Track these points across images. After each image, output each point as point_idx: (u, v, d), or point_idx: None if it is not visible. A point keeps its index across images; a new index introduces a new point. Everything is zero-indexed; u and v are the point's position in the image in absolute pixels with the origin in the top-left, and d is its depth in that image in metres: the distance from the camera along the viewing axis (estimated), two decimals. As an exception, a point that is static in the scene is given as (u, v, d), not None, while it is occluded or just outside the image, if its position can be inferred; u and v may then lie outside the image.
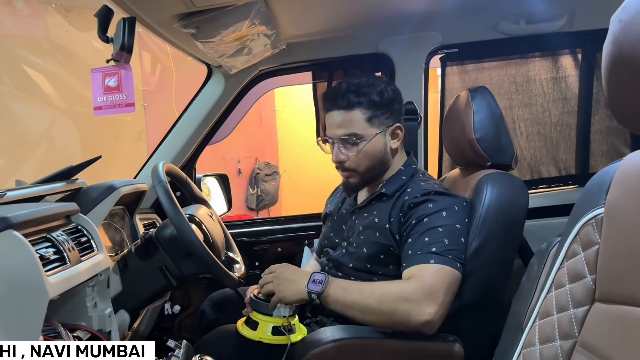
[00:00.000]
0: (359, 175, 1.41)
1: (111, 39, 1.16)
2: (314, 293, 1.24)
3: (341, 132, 1.37)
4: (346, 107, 1.36)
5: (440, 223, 1.26)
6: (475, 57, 1.97)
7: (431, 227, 1.25)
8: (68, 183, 1.40)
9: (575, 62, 1.97)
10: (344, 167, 1.41)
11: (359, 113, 1.36)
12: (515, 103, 2.01)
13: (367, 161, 1.39)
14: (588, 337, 0.73)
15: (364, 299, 1.21)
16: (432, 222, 1.26)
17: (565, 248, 0.80)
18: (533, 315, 0.84)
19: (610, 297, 0.71)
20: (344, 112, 1.37)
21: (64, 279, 0.98)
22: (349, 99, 1.36)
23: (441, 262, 1.20)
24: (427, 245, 1.23)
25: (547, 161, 2.05)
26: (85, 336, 1.09)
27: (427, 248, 1.23)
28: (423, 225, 1.27)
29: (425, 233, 1.25)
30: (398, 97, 1.43)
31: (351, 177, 1.42)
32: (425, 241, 1.24)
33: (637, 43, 0.63)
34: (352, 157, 1.38)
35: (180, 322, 2.02)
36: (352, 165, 1.40)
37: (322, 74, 2.04)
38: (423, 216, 1.28)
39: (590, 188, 0.79)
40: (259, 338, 1.26)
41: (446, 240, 1.23)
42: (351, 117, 1.36)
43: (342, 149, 1.39)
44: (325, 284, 1.24)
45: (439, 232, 1.24)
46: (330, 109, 1.40)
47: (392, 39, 1.89)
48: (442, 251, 1.22)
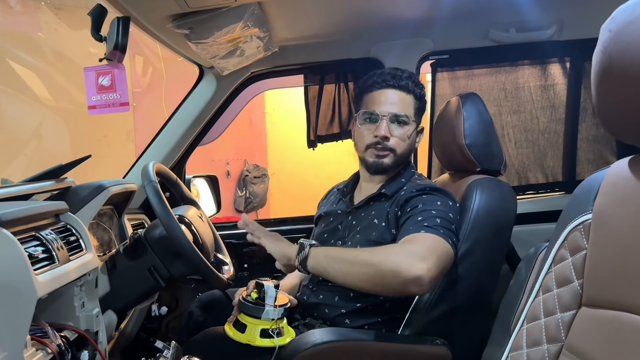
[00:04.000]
0: (394, 157, 1.42)
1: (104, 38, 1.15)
2: (307, 244, 1.25)
3: (396, 110, 1.40)
4: (406, 89, 1.41)
5: (434, 207, 1.28)
6: (465, 64, 1.99)
7: (425, 210, 1.27)
8: (57, 182, 1.38)
9: (563, 70, 2.00)
10: (385, 145, 1.41)
11: (413, 100, 1.43)
12: (504, 110, 2.03)
13: (406, 146, 1.43)
14: (575, 341, 0.75)
15: (353, 253, 1.23)
16: (427, 207, 1.28)
17: (553, 253, 0.82)
18: (521, 319, 0.85)
19: (597, 301, 0.73)
20: (402, 93, 1.41)
21: (53, 278, 0.97)
22: (409, 84, 1.41)
23: (433, 232, 1.21)
24: (420, 221, 1.25)
25: (535, 168, 2.07)
26: (72, 336, 1.08)
27: (420, 224, 1.24)
28: (417, 209, 1.29)
29: (419, 214, 1.27)
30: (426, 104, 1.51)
31: (386, 157, 1.42)
32: (419, 220, 1.25)
33: (626, 53, 0.65)
34: (397, 137, 1.41)
35: (168, 323, 2.00)
36: (394, 144, 1.41)
37: (314, 78, 2.04)
38: (418, 204, 1.30)
39: (578, 194, 0.81)
40: (247, 341, 1.26)
41: (438, 220, 1.24)
42: (408, 101, 1.42)
43: (390, 127, 1.40)
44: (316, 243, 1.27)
45: (432, 214, 1.26)
46: (384, 87, 1.42)
47: (384, 44, 1.90)
48: (434, 225, 1.23)
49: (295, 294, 1.52)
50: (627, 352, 0.67)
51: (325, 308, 1.39)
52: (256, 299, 1.31)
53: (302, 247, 1.25)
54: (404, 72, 1.44)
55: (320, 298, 1.41)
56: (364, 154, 1.44)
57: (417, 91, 1.43)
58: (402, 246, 1.19)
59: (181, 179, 1.97)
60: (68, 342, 1.04)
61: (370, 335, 1.23)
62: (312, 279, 1.47)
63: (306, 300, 1.44)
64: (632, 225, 0.69)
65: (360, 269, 1.18)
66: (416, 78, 1.46)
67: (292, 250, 1.27)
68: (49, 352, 0.95)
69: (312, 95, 2.10)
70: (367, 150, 1.43)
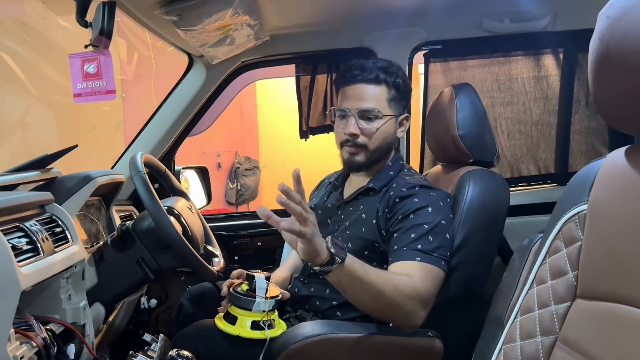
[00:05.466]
0: (367, 154, 1.39)
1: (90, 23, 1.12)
2: (338, 256, 1.06)
3: (363, 105, 1.36)
4: (373, 81, 1.36)
5: (425, 219, 1.26)
6: (458, 54, 1.98)
7: (417, 224, 1.25)
8: (42, 172, 1.36)
9: (557, 61, 1.99)
10: (355, 142, 1.38)
11: (383, 91, 1.37)
12: (497, 101, 2.02)
13: (379, 140, 1.38)
14: (569, 333, 0.74)
15: (380, 284, 1.12)
16: (418, 218, 1.26)
17: (547, 244, 0.81)
18: (514, 311, 0.84)
19: (592, 293, 0.72)
20: (370, 86, 1.36)
21: (37, 270, 0.96)
22: (377, 75, 1.36)
23: (427, 261, 1.21)
24: (413, 241, 1.23)
25: (527, 159, 2.07)
26: (58, 329, 1.07)
27: (413, 245, 1.23)
28: (409, 221, 1.27)
29: (411, 229, 1.25)
30: (410, 89, 1.46)
31: (358, 154, 1.39)
32: (412, 237, 1.24)
33: (624, 40, 0.63)
34: (366, 133, 1.37)
35: (157, 316, 1.99)
36: (364, 141, 1.38)
37: (306, 67, 2.02)
38: (409, 212, 1.27)
39: (574, 185, 0.80)
40: (238, 333, 1.24)
41: (431, 237, 1.23)
42: (376, 93, 1.36)
43: (359, 123, 1.37)
44: (346, 252, 1.10)
45: (424, 229, 1.24)
46: (352, 82, 1.37)
47: (377, 33, 1.88)
48: (428, 249, 1.22)
49: (286, 287, 1.50)
50: (622, 344, 0.66)
51: (316, 300, 1.38)
52: (247, 291, 1.29)
53: (332, 260, 1.06)
54: (375, 62, 1.39)
55: (311, 290, 1.40)
56: (340, 151, 1.43)
57: (391, 80, 1.37)
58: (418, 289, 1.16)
59: (170, 170, 1.95)
60: (54, 335, 1.03)
61: (362, 327, 1.22)
62: (303, 271, 1.46)
63: (297, 293, 1.43)
64: (628, 215, 0.68)
65: (377, 306, 1.17)
66: (390, 66, 1.39)
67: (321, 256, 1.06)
68: (33, 346, 0.94)
69: (304, 85, 2.07)
70: (342, 147, 1.42)
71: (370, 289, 1.12)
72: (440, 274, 1.23)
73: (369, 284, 1.11)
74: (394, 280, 1.16)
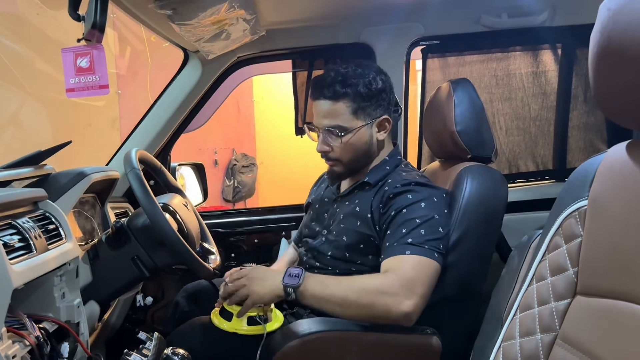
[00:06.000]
0: (343, 165, 1.39)
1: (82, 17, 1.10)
2: (290, 287, 1.19)
3: (326, 123, 1.34)
4: (332, 97, 1.32)
5: (417, 214, 1.24)
6: (456, 50, 1.97)
7: (408, 219, 1.24)
8: (36, 169, 1.35)
9: (555, 57, 1.98)
10: (328, 157, 1.39)
11: (343, 105, 1.32)
12: (495, 97, 2.01)
13: (351, 153, 1.36)
14: (569, 330, 0.73)
15: (341, 292, 1.19)
16: (410, 214, 1.25)
17: (547, 241, 0.80)
18: (513, 309, 0.84)
19: (592, 290, 0.71)
20: (330, 103, 1.33)
21: (30, 267, 0.95)
22: (334, 90, 1.31)
23: (418, 253, 1.19)
24: (404, 236, 1.22)
25: (525, 156, 2.06)
26: (52, 328, 1.06)
27: (404, 239, 1.21)
28: (401, 216, 1.25)
29: (403, 224, 1.24)
30: (388, 87, 1.38)
31: (335, 165, 1.40)
32: (402, 232, 1.22)
33: (625, 32, 0.62)
34: (336, 149, 1.36)
35: (153, 313, 1.98)
36: (336, 155, 1.37)
37: (303, 63, 2.01)
38: (401, 207, 1.26)
39: (573, 180, 0.79)
40: (234, 329, 1.23)
41: (422, 231, 1.22)
42: (336, 109, 1.32)
43: (327, 139, 1.36)
44: (302, 277, 1.20)
45: (416, 223, 1.23)
46: (316, 98, 1.35)
47: (374, 29, 1.87)
48: (418, 242, 1.20)
49: None
50: (623, 342, 0.65)
51: (313, 297, 1.37)
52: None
53: (286, 293, 1.20)
54: (329, 75, 1.33)
55: (308, 287, 1.38)
56: None
57: (352, 91, 1.30)
58: (389, 281, 1.17)
59: (166, 166, 1.93)
60: (47, 333, 1.02)
61: (358, 325, 1.21)
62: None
63: (294, 290, 1.42)
64: (629, 211, 0.67)
65: (350, 312, 1.20)
66: (352, 73, 1.32)
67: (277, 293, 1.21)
68: (26, 345, 0.93)
69: (301, 81, 2.06)
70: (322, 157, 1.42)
71: (334, 299, 1.19)
72: (433, 265, 1.20)
73: (331, 296, 1.19)
74: (358, 283, 1.20)
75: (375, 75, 1.35)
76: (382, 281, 1.18)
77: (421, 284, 1.17)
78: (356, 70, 1.34)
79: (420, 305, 1.17)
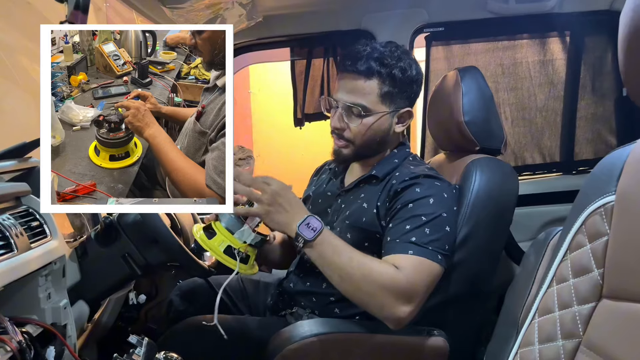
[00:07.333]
0: (354, 149, 1.31)
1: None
2: (302, 237, 1.13)
3: (349, 100, 1.26)
4: (363, 73, 1.24)
5: (424, 211, 1.18)
6: (461, 37, 1.93)
7: (414, 215, 1.18)
8: (20, 162, 1.29)
9: (563, 45, 1.93)
10: (341, 135, 1.30)
11: (374, 84, 1.24)
12: (501, 87, 1.97)
13: (367, 137, 1.28)
14: (594, 337, 0.68)
15: (349, 268, 1.12)
16: (417, 209, 1.18)
17: (568, 239, 0.74)
18: (531, 312, 0.79)
19: (620, 293, 0.66)
20: (360, 78, 1.24)
21: (10, 268, 0.91)
22: (369, 65, 1.23)
23: (420, 254, 1.13)
24: (407, 233, 1.16)
25: (532, 147, 2.02)
26: (36, 331, 1.01)
27: (407, 237, 1.15)
28: (407, 211, 1.19)
29: (407, 220, 1.18)
30: (419, 80, 1.31)
31: (345, 147, 1.31)
32: (406, 229, 1.16)
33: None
34: (353, 129, 1.28)
35: (147, 312, 1.93)
36: (350, 136, 1.29)
37: (301, 51, 1.97)
38: (408, 202, 1.20)
39: (598, 174, 0.73)
40: (209, 248, 1.17)
41: (427, 230, 1.15)
42: (365, 87, 1.24)
43: (344, 117, 1.28)
44: (317, 233, 1.13)
45: (422, 221, 1.17)
46: (343, 71, 1.27)
47: (376, 15, 1.82)
48: (422, 242, 1.14)
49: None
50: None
51: (312, 296, 1.32)
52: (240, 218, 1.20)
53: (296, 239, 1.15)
54: (372, 49, 1.25)
55: (307, 285, 1.34)
56: (333, 139, 1.35)
57: (385, 72, 1.23)
58: (397, 281, 1.10)
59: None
60: (30, 337, 0.97)
61: (362, 326, 1.17)
62: (298, 264, 1.40)
63: (293, 288, 1.37)
64: (663, 207, 0.61)
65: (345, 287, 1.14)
66: (389, 54, 1.25)
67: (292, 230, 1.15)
68: (7, 350, 0.87)
69: (299, 70, 2.02)
70: (332, 135, 1.33)
71: (338, 270, 1.13)
72: (435, 269, 1.14)
73: (337, 267, 1.13)
74: (369, 266, 1.13)
75: (411, 63, 1.28)
76: (392, 277, 1.11)
77: (423, 292, 1.12)
78: (395, 51, 1.27)
79: (415, 313, 1.12)
